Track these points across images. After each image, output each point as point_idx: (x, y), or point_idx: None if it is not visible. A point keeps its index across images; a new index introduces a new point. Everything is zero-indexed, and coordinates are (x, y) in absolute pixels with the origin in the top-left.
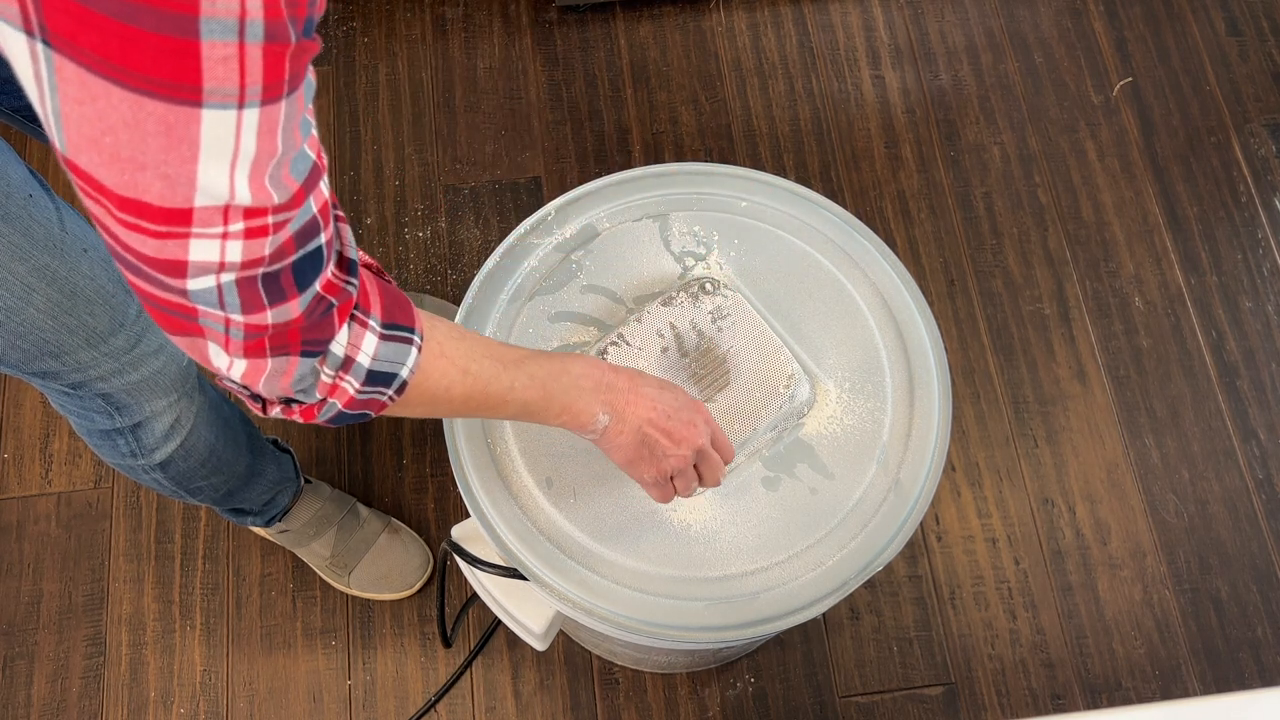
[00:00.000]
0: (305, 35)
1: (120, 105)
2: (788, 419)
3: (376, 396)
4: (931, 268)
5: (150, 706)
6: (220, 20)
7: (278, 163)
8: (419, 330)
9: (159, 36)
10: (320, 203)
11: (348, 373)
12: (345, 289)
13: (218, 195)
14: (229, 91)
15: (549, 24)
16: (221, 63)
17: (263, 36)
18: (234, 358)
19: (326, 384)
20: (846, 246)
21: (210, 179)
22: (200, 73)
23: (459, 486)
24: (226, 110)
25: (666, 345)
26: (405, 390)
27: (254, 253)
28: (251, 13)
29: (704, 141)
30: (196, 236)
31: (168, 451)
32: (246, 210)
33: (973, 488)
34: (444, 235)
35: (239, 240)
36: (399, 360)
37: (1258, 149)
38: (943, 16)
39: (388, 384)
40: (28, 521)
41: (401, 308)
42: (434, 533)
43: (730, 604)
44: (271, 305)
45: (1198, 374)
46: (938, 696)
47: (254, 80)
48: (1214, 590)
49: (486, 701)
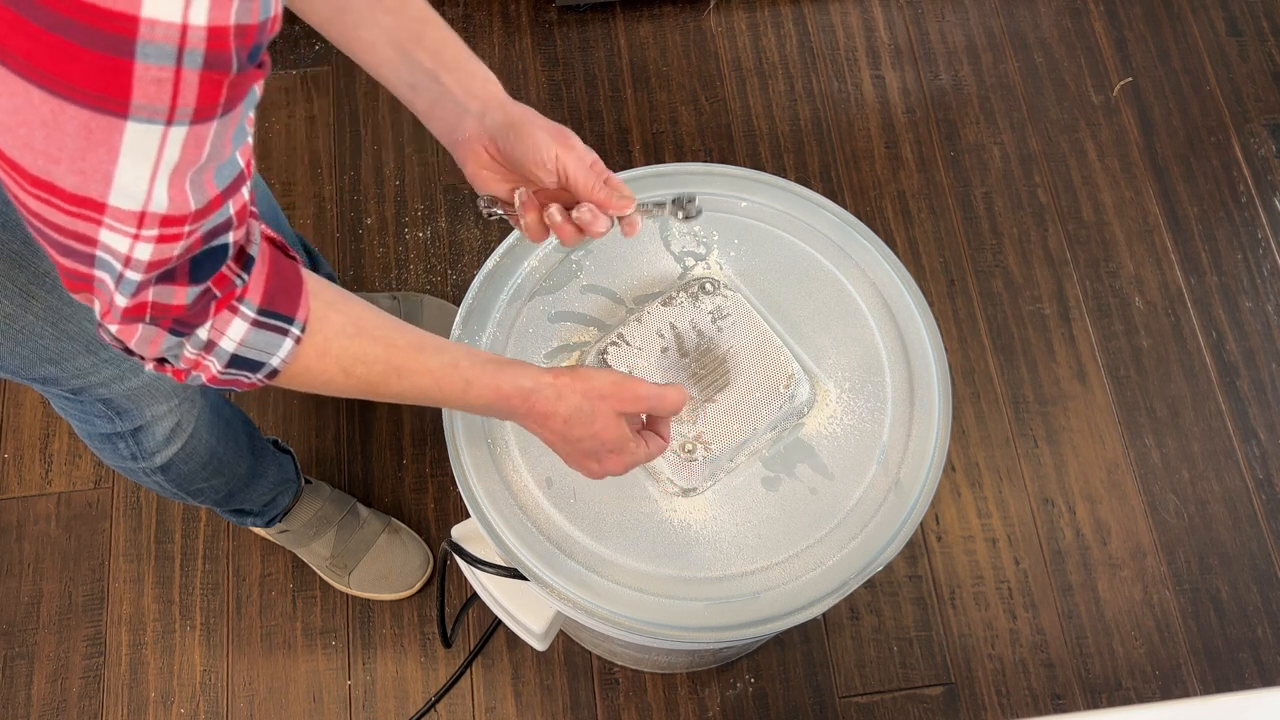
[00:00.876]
0: (251, 61)
1: (40, 106)
2: (788, 419)
3: (241, 378)
4: (931, 268)
5: (150, 706)
6: (158, 45)
7: (200, 169)
8: (300, 321)
9: (90, 52)
10: (238, 206)
11: (209, 354)
12: (234, 282)
13: (134, 198)
14: (158, 109)
15: (549, 24)
16: (154, 84)
17: (201, 64)
18: (112, 321)
19: (190, 358)
20: (846, 246)
21: (127, 181)
22: (130, 89)
23: (459, 486)
24: (153, 125)
25: (666, 345)
26: (276, 377)
27: (162, 254)
28: (192, 43)
29: (704, 141)
30: (108, 227)
31: (169, 455)
32: (163, 219)
33: (973, 488)
34: (444, 235)
35: (150, 244)
36: (269, 350)
37: (1258, 149)
38: (943, 16)
39: (254, 370)
40: (28, 521)
41: (288, 295)
42: (434, 533)
43: (730, 604)
44: (156, 285)
45: (1198, 374)
46: (938, 696)
47: (186, 103)
48: (1214, 590)
49: (486, 702)
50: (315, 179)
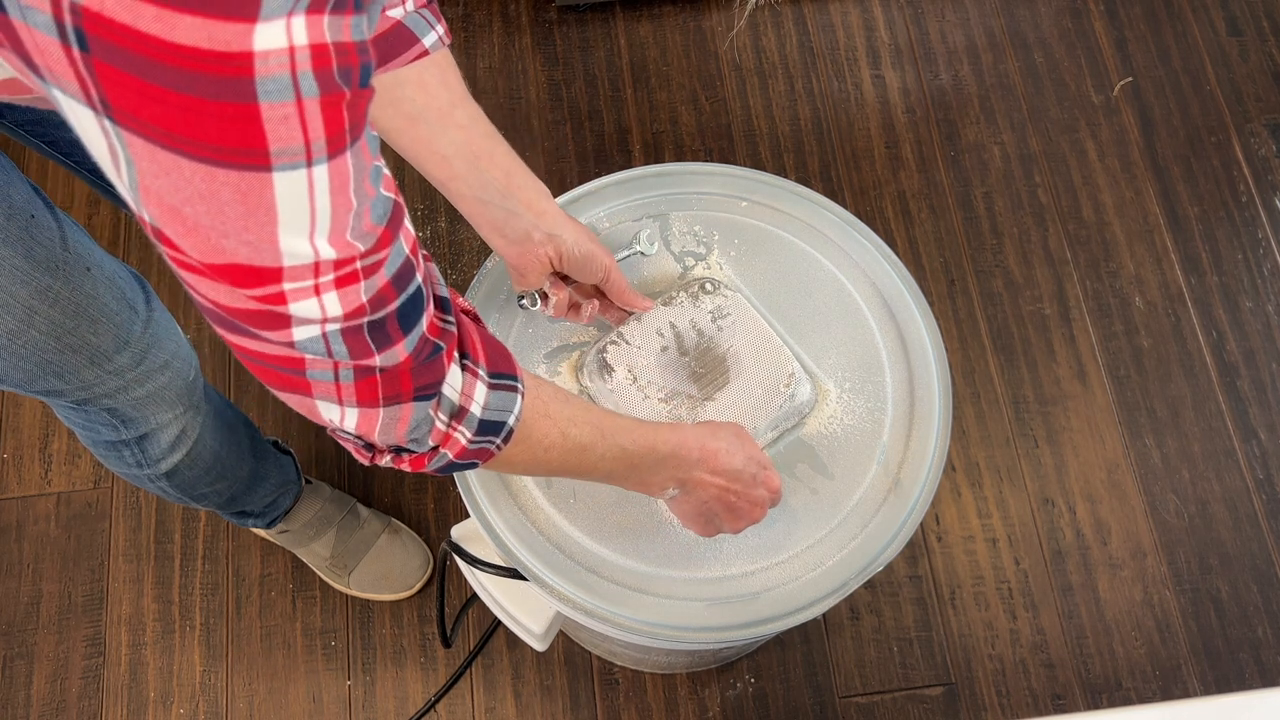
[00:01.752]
0: (362, 84)
1: (194, 177)
2: (788, 418)
3: (486, 445)
4: (931, 268)
5: (150, 707)
6: (275, 79)
7: (356, 214)
8: (521, 379)
9: (218, 104)
10: (410, 241)
11: (461, 422)
12: (446, 329)
13: (302, 256)
14: (295, 150)
15: (549, 24)
16: (283, 122)
17: (318, 90)
18: (346, 407)
19: (441, 431)
20: (846, 246)
21: (291, 244)
22: (264, 135)
23: (459, 486)
24: (296, 170)
25: (666, 344)
26: (511, 439)
27: (352, 302)
28: (301, 65)
29: (704, 141)
30: (292, 293)
31: (173, 462)
32: (335, 262)
33: (973, 488)
34: (444, 235)
35: (332, 291)
36: (506, 409)
37: (1258, 149)
38: (943, 16)
39: (496, 433)
40: (27, 522)
41: (503, 356)
42: (434, 533)
43: (730, 604)
44: (379, 350)
45: (1198, 374)
46: (938, 697)
47: (316, 135)
48: (1214, 590)
49: (486, 702)
50: None
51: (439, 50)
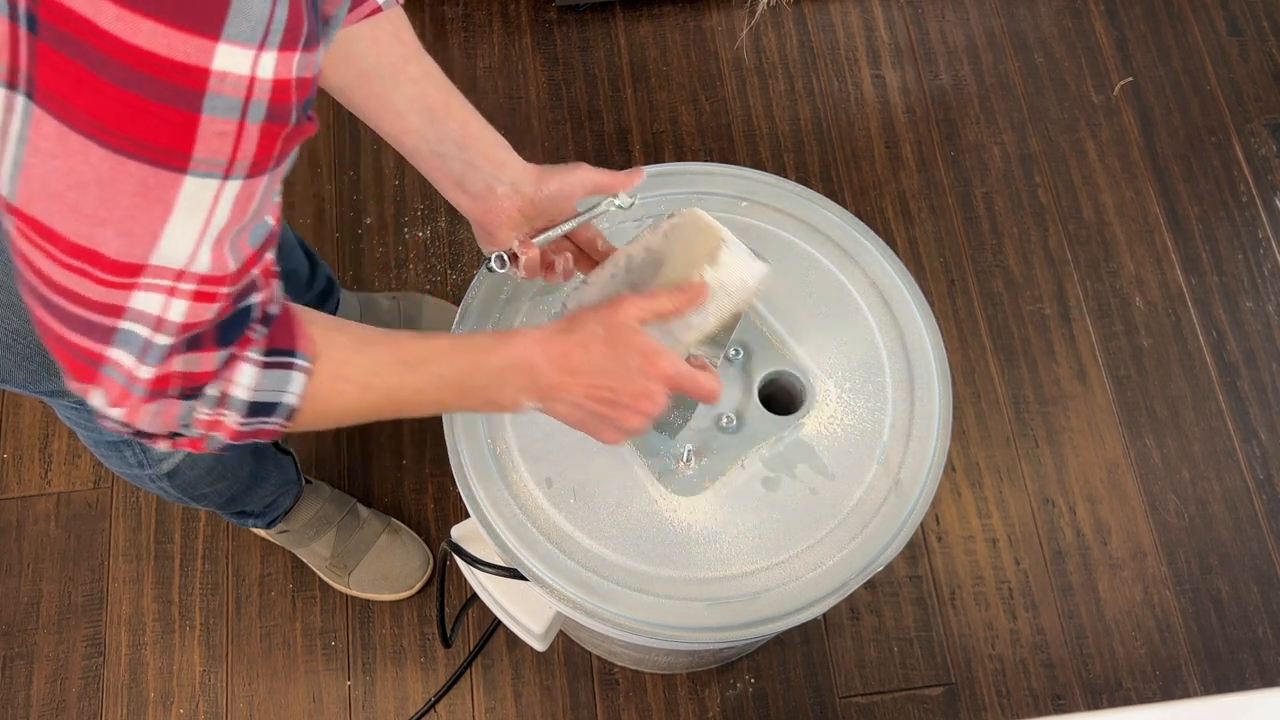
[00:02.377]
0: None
1: (100, 164)
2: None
3: (262, 426)
4: (931, 268)
5: (150, 707)
6: (225, 99)
7: (241, 229)
8: (306, 353)
9: (161, 106)
10: (264, 266)
11: (224, 408)
12: (254, 340)
13: (178, 257)
14: (218, 163)
15: (549, 24)
16: (217, 137)
17: (264, 117)
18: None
19: (204, 420)
20: (847, 246)
21: (175, 238)
22: (194, 143)
23: (459, 486)
24: (210, 179)
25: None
26: (296, 416)
27: (197, 315)
28: (258, 94)
29: (704, 141)
30: (143, 288)
31: (174, 462)
32: (202, 278)
33: (973, 488)
34: (444, 235)
35: (186, 301)
36: (282, 388)
37: (1258, 149)
38: (943, 16)
39: (271, 413)
40: (27, 521)
41: (284, 330)
42: (434, 533)
43: (730, 604)
44: (185, 353)
45: (1198, 374)
46: (938, 697)
47: (245, 155)
48: (1214, 590)
49: (486, 702)
50: (315, 178)
51: (392, 7)
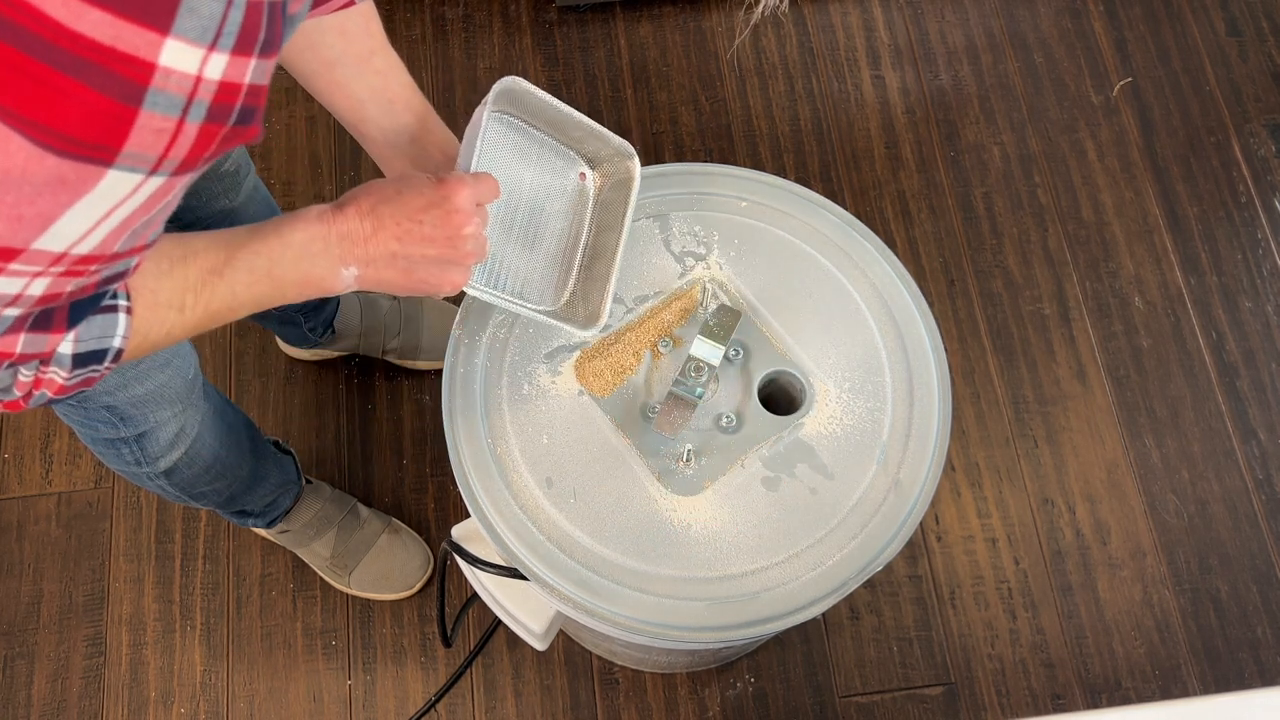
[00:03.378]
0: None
1: (15, 154)
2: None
3: (90, 375)
4: (931, 268)
5: (150, 706)
6: (169, 95)
7: (149, 220)
8: (123, 290)
9: (99, 96)
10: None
11: (49, 365)
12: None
13: (62, 243)
14: (147, 159)
15: (549, 24)
16: (153, 134)
17: (203, 118)
18: None
19: (26, 382)
20: (846, 246)
21: (68, 225)
22: (127, 138)
23: (459, 486)
24: (135, 173)
25: None
26: (121, 357)
27: (56, 289)
28: (202, 94)
29: (704, 141)
30: (8, 274)
31: (172, 460)
32: (80, 258)
33: (973, 488)
34: None
35: (50, 279)
36: (109, 334)
37: (1258, 149)
38: (943, 16)
39: (99, 360)
40: (28, 521)
41: None
42: (434, 533)
43: (730, 604)
44: (29, 332)
45: (1198, 374)
46: (938, 696)
47: (178, 154)
48: (1214, 590)
49: (486, 702)
50: (315, 179)
51: (364, 1)
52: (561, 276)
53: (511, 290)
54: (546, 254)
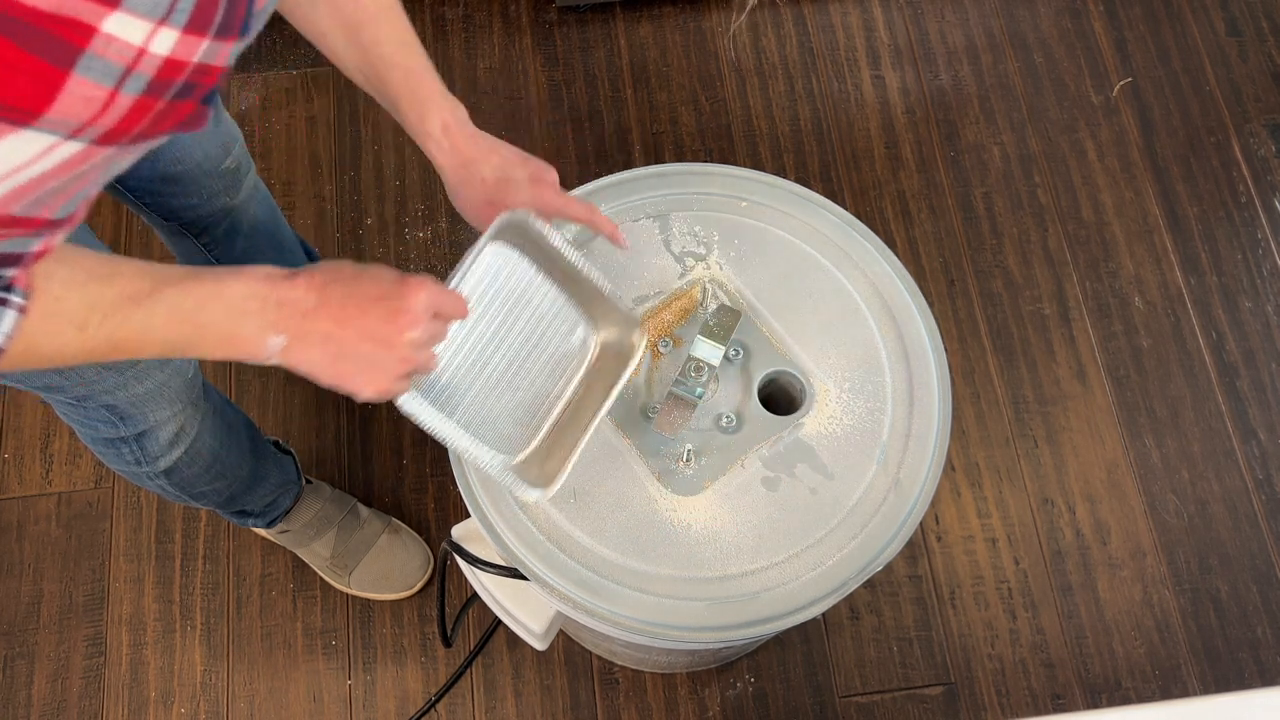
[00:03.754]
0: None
1: None
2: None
3: None
4: (931, 268)
5: (150, 706)
6: (105, 62)
7: (58, 189)
8: (22, 288)
9: (31, 58)
10: (44, 246)
11: None
12: None
13: None
14: (70, 124)
15: (549, 24)
16: (82, 101)
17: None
18: None
19: None
20: (846, 246)
21: None
22: (52, 102)
23: (459, 486)
24: (50, 136)
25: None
26: (2, 359)
27: None
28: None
29: (704, 142)
30: None
31: (172, 459)
32: None
33: (973, 488)
34: (444, 236)
35: None
36: None
37: (1258, 149)
38: (943, 16)
39: None
40: (28, 521)
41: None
42: (434, 533)
43: (730, 604)
44: None
45: (1198, 374)
46: (938, 696)
47: (104, 124)
48: (1214, 590)
49: (486, 701)
50: (315, 179)
51: None
52: (528, 431)
53: (465, 422)
54: (519, 403)
